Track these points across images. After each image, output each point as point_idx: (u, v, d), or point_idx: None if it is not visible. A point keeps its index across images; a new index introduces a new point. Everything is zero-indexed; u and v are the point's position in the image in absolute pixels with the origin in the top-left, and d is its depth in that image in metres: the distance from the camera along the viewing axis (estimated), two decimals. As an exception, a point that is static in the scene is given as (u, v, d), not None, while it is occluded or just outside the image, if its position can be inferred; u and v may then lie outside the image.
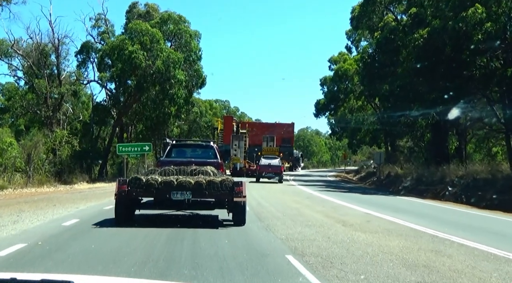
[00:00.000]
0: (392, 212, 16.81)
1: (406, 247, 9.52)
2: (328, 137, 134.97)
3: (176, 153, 15.64)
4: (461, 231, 12.35)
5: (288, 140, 59.91)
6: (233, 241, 9.67)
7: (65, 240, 9.62)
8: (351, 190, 32.55)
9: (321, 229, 11.78)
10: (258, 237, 10.43)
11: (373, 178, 50.09)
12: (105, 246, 9.02)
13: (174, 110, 43.19)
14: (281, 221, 13.28)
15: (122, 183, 11.58)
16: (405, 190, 35.07)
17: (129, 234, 10.46)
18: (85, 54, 47.64)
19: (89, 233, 10.63)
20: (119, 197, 11.52)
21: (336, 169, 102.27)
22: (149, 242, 9.46)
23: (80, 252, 8.32)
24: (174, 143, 16.49)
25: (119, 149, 39.76)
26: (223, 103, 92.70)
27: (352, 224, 12.92)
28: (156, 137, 50.70)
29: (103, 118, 46.23)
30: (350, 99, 55.93)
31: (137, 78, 40.26)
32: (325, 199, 22.57)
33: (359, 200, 22.37)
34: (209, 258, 7.82)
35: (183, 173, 12.17)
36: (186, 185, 11.30)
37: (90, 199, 19.61)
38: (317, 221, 13.55)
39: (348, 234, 11.12)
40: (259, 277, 6.75)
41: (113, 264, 7.37)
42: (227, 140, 50.86)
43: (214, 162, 14.63)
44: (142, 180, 11.47)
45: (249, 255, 8.19)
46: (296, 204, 18.86)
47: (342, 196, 25.20)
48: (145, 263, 7.38)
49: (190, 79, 43.48)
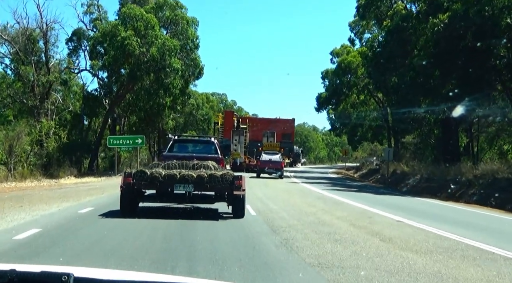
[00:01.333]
0: (425, 218, 13.86)
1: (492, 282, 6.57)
2: (326, 133, 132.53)
3: (178, 147, 16.02)
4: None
5: (289, 136, 58.14)
6: (249, 271, 6.64)
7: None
8: (360, 189, 29.59)
9: (357, 247, 8.77)
10: (280, 263, 7.36)
11: (377, 175, 47.26)
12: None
13: (169, 101, 40.08)
14: (301, 233, 10.26)
15: (127, 176, 11.83)
16: (414, 189, 32.32)
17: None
18: (76, 41, 44.62)
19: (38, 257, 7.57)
20: (124, 189, 11.73)
21: (334, 165, 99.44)
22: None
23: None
24: (176, 138, 17.07)
25: (109, 141, 36.68)
26: (220, 97, 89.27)
27: (391, 238, 9.94)
28: (150, 130, 47.56)
29: (94, 109, 43.01)
30: (353, 93, 52.94)
31: (130, 66, 37.16)
32: (339, 200, 19.55)
33: (376, 202, 19.40)
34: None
35: (185, 167, 12.40)
36: (189, 178, 11.54)
37: (69, 198, 16.52)
38: (345, 232, 10.55)
39: (398, 255, 8.12)
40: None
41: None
42: (227, 135, 49.59)
43: (214, 157, 14.84)
44: (147, 173, 11.71)
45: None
46: (310, 207, 15.84)
47: (355, 196, 22.21)
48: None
49: (187, 69, 40.38)
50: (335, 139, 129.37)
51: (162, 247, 8.21)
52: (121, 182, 11.98)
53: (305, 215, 13.68)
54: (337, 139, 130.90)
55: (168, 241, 8.77)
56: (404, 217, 13.88)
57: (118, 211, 12.06)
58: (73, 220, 11.27)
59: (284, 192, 23.01)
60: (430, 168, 35.47)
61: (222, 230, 10.33)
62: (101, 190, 20.42)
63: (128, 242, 8.73)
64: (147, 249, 8.01)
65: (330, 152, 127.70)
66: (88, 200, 15.86)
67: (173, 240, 8.89)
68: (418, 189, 31.61)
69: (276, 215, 13.32)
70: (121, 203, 11.97)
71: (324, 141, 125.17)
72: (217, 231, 10.08)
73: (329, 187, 28.43)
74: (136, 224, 10.75)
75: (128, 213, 11.63)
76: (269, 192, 22.11)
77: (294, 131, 64.59)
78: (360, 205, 17.56)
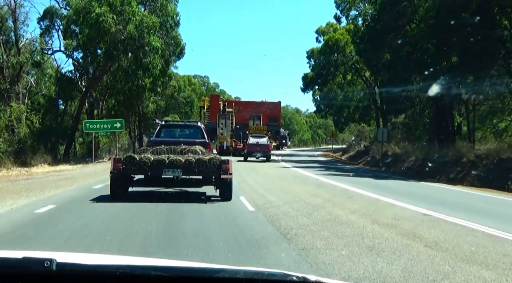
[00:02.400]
0: (452, 210, 11.58)
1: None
2: (309, 115, 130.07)
3: (165, 132, 15.93)
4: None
5: (275, 119, 56.53)
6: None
7: None
8: (357, 173, 27.29)
9: (404, 260, 6.32)
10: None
11: (366, 157, 45.08)
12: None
13: (149, 82, 37.19)
14: (319, 237, 7.77)
15: (117, 161, 11.81)
16: (410, 171, 30.24)
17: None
18: (49, 20, 41.55)
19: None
20: (114, 174, 11.70)
21: (319, 147, 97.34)
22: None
23: None
24: (163, 124, 17.26)
25: (85, 126, 33.81)
26: (202, 79, 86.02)
27: (437, 243, 7.55)
28: (130, 114, 44.66)
29: (69, 92, 39.95)
30: (340, 72, 50.51)
31: (106, 45, 34.20)
32: (341, 188, 17.10)
33: (382, 188, 17.07)
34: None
35: (173, 152, 12.38)
36: (177, 163, 11.59)
37: (31, 191, 13.83)
38: (374, 235, 8.11)
39: (467, 273, 5.73)
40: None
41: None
42: (213, 119, 48.50)
43: (202, 141, 14.83)
44: (136, 158, 11.74)
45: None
46: (314, 198, 13.39)
47: (355, 182, 19.83)
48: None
49: (167, 48, 37.54)
50: (318, 121, 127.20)
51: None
52: (110, 167, 11.83)
53: (313, 209, 11.22)
54: (320, 122, 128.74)
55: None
56: (428, 209, 11.52)
57: (85, 208, 9.74)
58: (28, 223, 8.68)
59: (278, 178, 20.54)
60: (424, 148, 33.41)
61: (216, 233, 7.88)
62: (72, 180, 17.78)
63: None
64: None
65: (313, 134, 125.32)
66: (53, 194, 13.23)
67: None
68: (413, 172, 29.59)
69: (279, 210, 10.85)
70: (111, 188, 11.99)
71: (308, 123, 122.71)
72: (211, 236, 7.62)
73: (323, 172, 26.06)
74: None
75: (117, 198, 11.61)
76: (261, 179, 19.63)
77: (280, 114, 63.42)
78: (367, 192, 15.17)
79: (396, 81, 35.19)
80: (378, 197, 13.89)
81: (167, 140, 14.11)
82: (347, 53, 48.38)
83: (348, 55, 48.95)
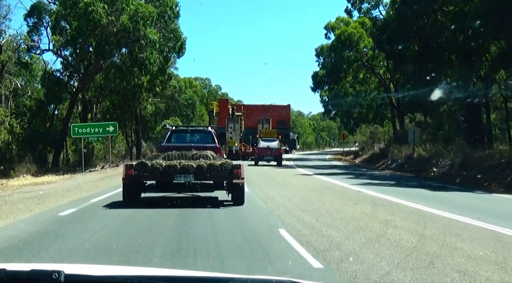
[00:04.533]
0: None
1: None
2: (312, 118, 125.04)
3: (176, 138, 15.84)
4: None
5: (284, 122, 55.04)
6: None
7: None
8: (396, 180, 22.40)
9: None
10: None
11: (385, 161, 40.29)
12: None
13: (146, 81, 32.37)
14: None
15: (129, 168, 11.61)
16: (447, 177, 25.55)
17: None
18: (36, 17, 36.98)
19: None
20: (126, 181, 11.56)
21: (327, 151, 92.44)
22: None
23: None
24: (173, 129, 17.14)
25: (74, 130, 28.92)
26: (204, 82, 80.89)
27: None
28: (127, 117, 39.77)
29: (59, 94, 35.06)
30: (353, 69, 45.72)
31: (97, 39, 29.47)
32: (406, 206, 12.17)
33: (463, 207, 12.32)
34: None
35: (184, 157, 12.24)
36: (189, 168, 11.41)
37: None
38: None
39: None
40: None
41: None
42: (222, 124, 47.66)
43: (212, 146, 14.64)
44: (148, 164, 11.58)
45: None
46: (394, 230, 8.46)
47: (410, 194, 15.05)
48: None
49: (166, 43, 32.70)
50: (322, 124, 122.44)
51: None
52: (122, 174, 11.69)
53: (406, 252, 6.37)
54: (324, 124, 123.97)
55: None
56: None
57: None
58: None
59: (310, 192, 15.68)
60: (461, 150, 28.69)
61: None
62: (38, 200, 12.91)
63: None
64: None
65: (317, 137, 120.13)
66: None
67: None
68: (452, 177, 25.07)
69: (362, 264, 5.99)
70: (123, 194, 11.85)
71: (311, 126, 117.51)
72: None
73: (356, 180, 21.22)
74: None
75: (130, 204, 11.46)
76: (290, 193, 14.82)
77: (289, 117, 61.89)
78: (453, 216, 10.34)
79: (423, 76, 30.52)
80: (485, 226, 9.02)
81: (178, 146, 14.02)
82: (361, 48, 43.64)
83: (362, 51, 44.22)
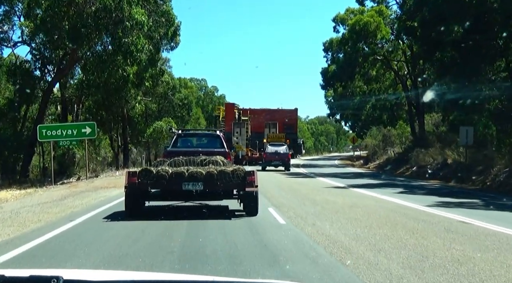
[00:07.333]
0: None
1: None
2: (309, 122, 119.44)
3: (182, 142, 15.25)
4: None
5: (291, 127, 52.92)
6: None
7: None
8: (451, 191, 16.70)
9: None
10: None
11: (406, 166, 34.43)
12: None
13: (134, 72, 26.28)
14: None
15: (131, 175, 10.60)
16: (506, 187, 19.97)
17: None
18: (7, 4, 30.90)
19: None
20: (129, 190, 10.48)
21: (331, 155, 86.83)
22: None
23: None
24: (180, 133, 16.14)
25: (41, 132, 22.61)
26: (199, 83, 74.61)
27: None
28: (112, 119, 33.56)
29: (30, 90, 28.84)
30: (368, 63, 39.91)
31: (72, 21, 23.43)
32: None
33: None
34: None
35: (192, 163, 11.23)
36: (198, 175, 10.45)
37: None
38: None
39: None
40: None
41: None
42: (228, 128, 44.91)
43: (221, 151, 13.91)
44: (153, 171, 10.57)
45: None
46: None
47: (495, 218, 9.18)
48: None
49: (156, 28, 26.67)
50: (320, 128, 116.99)
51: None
52: (124, 182, 10.62)
53: None
54: (322, 128, 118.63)
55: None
56: None
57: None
58: None
59: (379, 223, 9.71)
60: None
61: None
62: None
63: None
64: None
65: (315, 142, 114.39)
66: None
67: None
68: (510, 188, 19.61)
69: None
70: (126, 204, 10.69)
71: (310, 130, 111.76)
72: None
73: (414, 196, 15.36)
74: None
75: (133, 215, 10.43)
76: (352, 227, 8.87)
77: (297, 121, 59.34)
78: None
79: (467, 66, 24.83)
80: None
81: (185, 151, 13.37)
82: (378, 39, 37.80)
83: (379, 43, 38.40)
